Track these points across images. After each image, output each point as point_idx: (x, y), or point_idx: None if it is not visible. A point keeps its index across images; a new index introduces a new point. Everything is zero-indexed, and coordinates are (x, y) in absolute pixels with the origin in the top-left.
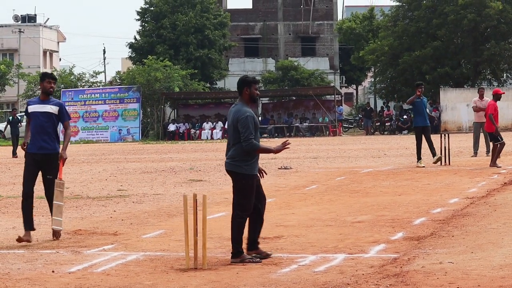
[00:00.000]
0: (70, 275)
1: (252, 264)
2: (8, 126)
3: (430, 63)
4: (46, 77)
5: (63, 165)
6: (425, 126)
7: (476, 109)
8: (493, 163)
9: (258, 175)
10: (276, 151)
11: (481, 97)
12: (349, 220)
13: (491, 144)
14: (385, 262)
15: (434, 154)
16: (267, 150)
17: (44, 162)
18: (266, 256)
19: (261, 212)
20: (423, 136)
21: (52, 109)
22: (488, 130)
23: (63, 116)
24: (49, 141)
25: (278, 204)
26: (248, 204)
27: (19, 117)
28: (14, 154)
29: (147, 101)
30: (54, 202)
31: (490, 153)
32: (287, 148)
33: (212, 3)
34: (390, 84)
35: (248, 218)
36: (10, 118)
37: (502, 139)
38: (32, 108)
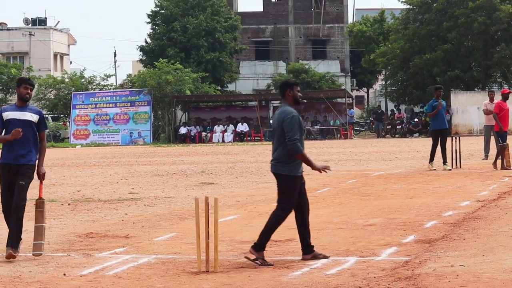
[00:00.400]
0: (82, 278)
1: (264, 267)
2: None
3: (440, 66)
4: (22, 83)
5: (42, 182)
6: (443, 129)
7: (487, 112)
8: (502, 166)
9: (323, 171)
10: (314, 167)
11: (491, 100)
12: (361, 223)
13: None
14: (397, 265)
15: (445, 162)
16: (308, 161)
17: (19, 171)
18: (324, 257)
19: (305, 218)
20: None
21: (33, 117)
22: (495, 129)
23: (41, 125)
24: (28, 152)
25: None
26: (290, 205)
27: None
28: None
29: (158, 104)
30: (35, 224)
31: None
32: (325, 172)
33: (223, 6)
34: (401, 87)
35: (297, 226)
36: None
37: (502, 142)
38: (9, 115)
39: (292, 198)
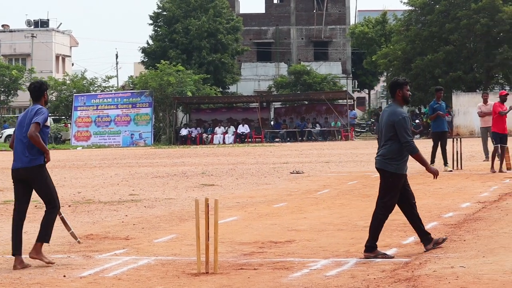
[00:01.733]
0: (82, 279)
1: (265, 269)
2: None
3: (442, 67)
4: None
5: None
6: (443, 131)
7: (482, 114)
8: (500, 168)
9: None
10: (429, 168)
11: (485, 101)
12: (361, 225)
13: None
14: (397, 266)
15: (446, 163)
16: (423, 162)
17: None
18: (443, 240)
19: (414, 209)
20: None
21: None
22: (492, 130)
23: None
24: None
25: (290, 208)
26: (392, 202)
27: None
28: None
29: (159, 105)
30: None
31: (499, 157)
32: (435, 177)
33: (225, 8)
34: None
35: (408, 221)
36: None
37: (502, 144)
38: None
39: (395, 196)
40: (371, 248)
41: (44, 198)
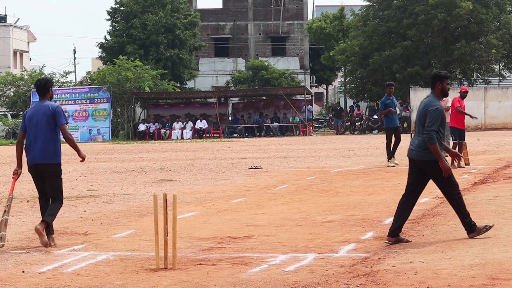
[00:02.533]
0: (40, 275)
1: (223, 264)
2: None
3: (400, 63)
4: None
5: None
6: (396, 127)
7: None
8: (459, 163)
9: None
10: (443, 163)
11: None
12: (319, 220)
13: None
14: (356, 261)
15: (391, 157)
16: (438, 155)
17: None
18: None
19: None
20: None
21: None
22: (450, 125)
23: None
24: None
25: (249, 203)
26: (453, 178)
27: None
28: None
29: (117, 101)
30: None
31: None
32: (446, 174)
33: (182, 3)
34: (360, 84)
35: (400, 202)
36: None
37: (460, 140)
38: None
39: (451, 174)
40: (473, 227)
41: (53, 193)
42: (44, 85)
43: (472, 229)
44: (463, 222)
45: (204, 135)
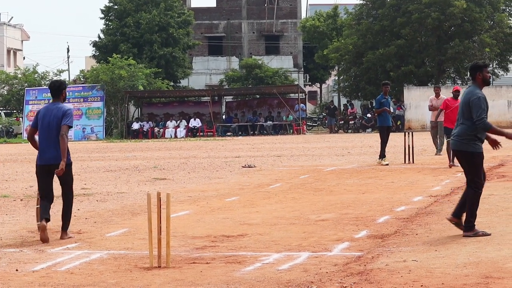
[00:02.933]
0: (34, 273)
1: (217, 263)
2: None
3: (394, 61)
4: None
5: None
6: (388, 126)
7: (432, 108)
8: (452, 162)
9: (494, 148)
10: (509, 136)
11: (437, 95)
12: (313, 218)
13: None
14: (349, 260)
15: (382, 156)
16: (500, 133)
17: None
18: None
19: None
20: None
21: None
22: (443, 125)
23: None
24: None
25: (242, 202)
26: (480, 179)
27: None
28: None
29: (111, 99)
30: None
31: (442, 152)
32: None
33: (176, 2)
34: (354, 83)
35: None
36: None
37: (447, 138)
38: None
39: (481, 173)
40: (469, 228)
41: (66, 189)
42: (58, 87)
43: (470, 229)
44: (467, 221)
45: (197, 134)
